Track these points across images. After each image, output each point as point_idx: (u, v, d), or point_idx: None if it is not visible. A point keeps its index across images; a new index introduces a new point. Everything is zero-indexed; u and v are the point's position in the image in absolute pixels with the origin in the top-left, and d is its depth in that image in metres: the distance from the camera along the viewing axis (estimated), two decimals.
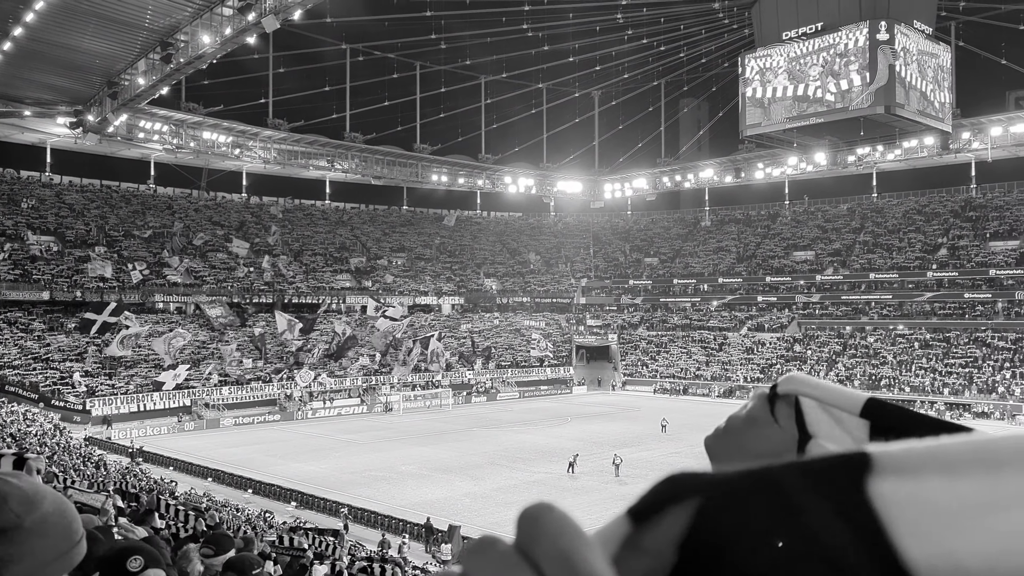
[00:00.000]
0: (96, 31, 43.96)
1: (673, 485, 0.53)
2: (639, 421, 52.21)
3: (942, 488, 0.48)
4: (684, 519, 0.52)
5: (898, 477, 0.49)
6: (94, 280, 60.27)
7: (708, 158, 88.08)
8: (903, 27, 53.18)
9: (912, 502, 0.48)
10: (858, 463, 0.50)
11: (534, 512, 0.50)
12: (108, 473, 24.61)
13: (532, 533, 0.49)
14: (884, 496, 0.49)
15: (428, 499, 32.15)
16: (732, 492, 0.52)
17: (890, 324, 67.91)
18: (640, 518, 0.53)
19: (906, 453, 0.50)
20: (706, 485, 0.53)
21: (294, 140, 76.03)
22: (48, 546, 1.24)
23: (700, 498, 0.52)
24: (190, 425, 51.22)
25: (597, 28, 67.60)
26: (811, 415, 0.80)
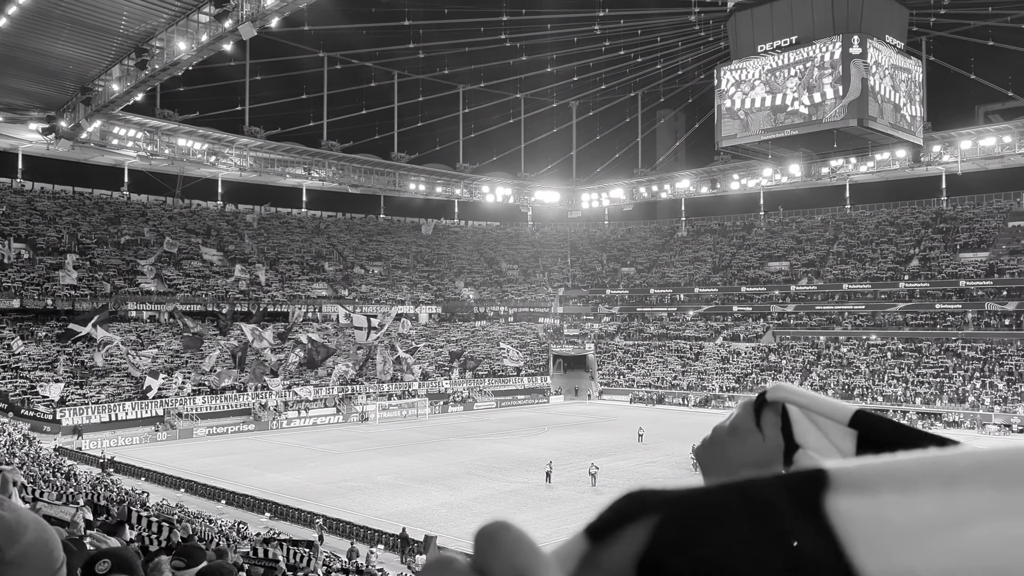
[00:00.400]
0: (70, 37, 43.52)
1: (631, 502, 0.53)
2: (616, 430, 52.32)
3: (899, 504, 0.48)
4: (641, 537, 0.51)
5: (856, 494, 0.49)
6: (65, 288, 59.48)
7: (684, 169, 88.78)
8: (875, 41, 54.02)
9: (869, 519, 0.48)
10: (816, 480, 0.50)
11: (490, 530, 0.50)
12: (78, 484, 24.25)
13: (488, 552, 0.49)
14: (841, 513, 0.49)
15: (404, 509, 31.98)
16: (688, 510, 0.51)
17: (863, 334, 68.68)
18: (598, 536, 0.53)
19: (863, 470, 0.50)
20: (663, 502, 0.52)
21: (271, 148, 75.64)
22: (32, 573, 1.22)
23: (657, 515, 0.52)
24: (163, 435, 50.62)
25: (575, 39, 67.95)
26: (799, 425, 0.79)
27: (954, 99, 71.16)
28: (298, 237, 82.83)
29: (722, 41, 64.77)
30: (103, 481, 28.88)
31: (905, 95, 57.06)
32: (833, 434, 0.75)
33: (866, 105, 53.30)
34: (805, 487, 0.50)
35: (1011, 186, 72.28)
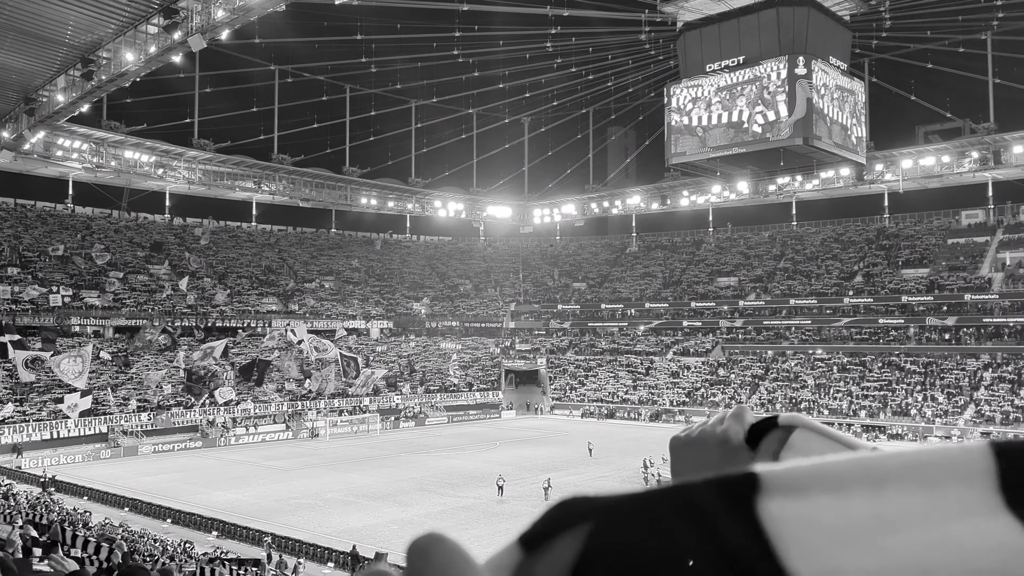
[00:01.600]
0: (13, 46, 42.51)
1: (564, 510, 0.53)
2: (567, 445, 52.54)
3: (830, 506, 0.49)
4: (575, 545, 0.51)
5: (787, 496, 0.50)
6: (5, 302, 57.78)
7: (635, 185, 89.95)
8: (820, 62, 55.56)
9: (800, 521, 0.49)
10: (746, 483, 0.50)
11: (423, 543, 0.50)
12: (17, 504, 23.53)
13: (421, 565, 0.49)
14: (773, 516, 0.49)
15: (354, 526, 31.69)
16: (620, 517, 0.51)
17: (809, 348, 70.13)
18: (531, 545, 0.53)
19: (794, 472, 0.51)
20: (595, 510, 0.52)
21: (220, 161, 74.68)
22: None
23: (590, 523, 0.52)
24: (107, 453, 49.39)
25: (527, 56, 68.55)
26: (792, 451, 0.77)
27: (895, 119, 73.63)
28: (248, 251, 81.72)
29: (672, 60, 65.98)
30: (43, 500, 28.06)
31: (849, 115, 58.74)
32: None
33: (811, 124, 54.72)
34: (737, 490, 0.50)
35: (950, 204, 74.85)
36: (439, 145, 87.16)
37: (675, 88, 61.59)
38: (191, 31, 39.77)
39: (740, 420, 0.84)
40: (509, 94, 79.39)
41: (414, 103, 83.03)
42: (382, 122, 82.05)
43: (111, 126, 64.66)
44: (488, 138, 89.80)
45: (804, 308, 72.98)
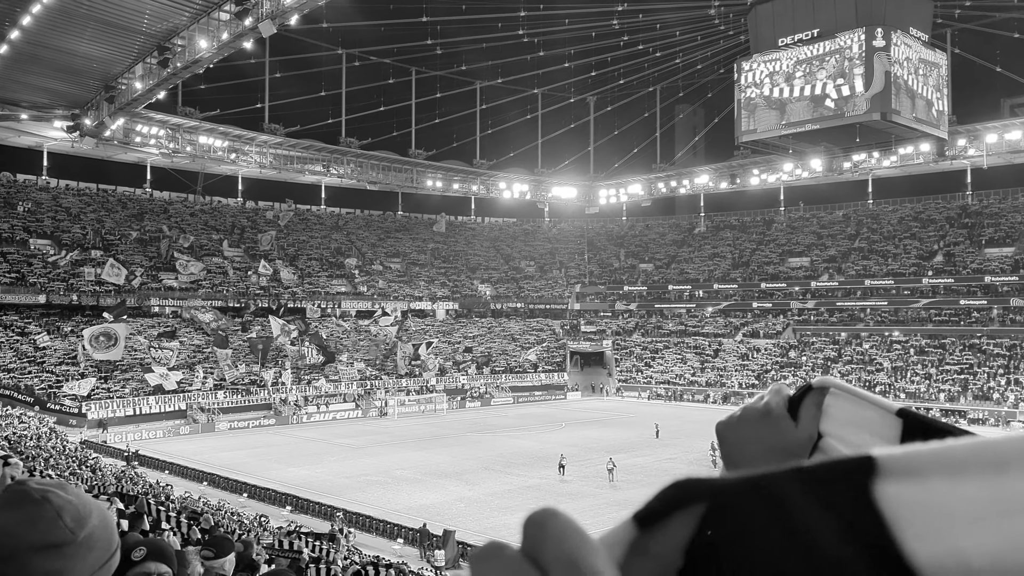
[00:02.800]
0: (93, 35, 43.95)
1: (679, 491, 0.54)
2: (633, 427, 52.24)
3: (947, 490, 0.49)
4: (689, 524, 0.52)
5: (904, 480, 0.50)
6: (90, 284, 60.17)
7: (703, 164, 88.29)
8: (899, 34, 53.47)
9: (918, 504, 0.49)
10: (864, 467, 0.51)
11: (539, 517, 0.51)
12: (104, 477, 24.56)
13: (538, 538, 0.50)
14: (890, 499, 0.49)
15: (423, 504, 32.12)
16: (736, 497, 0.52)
17: (885, 330, 68.11)
18: (645, 523, 0.53)
19: (911, 456, 0.51)
20: (711, 491, 0.53)
21: (290, 145, 76.06)
22: (94, 558, 1.28)
23: (704, 504, 0.53)
24: (185, 429, 51.13)
25: (593, 34, 67.78)
26: (831, 417, 0.78)
27: (979, 92, 70.37)
28: (317, 234, 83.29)
29: (742, 35, 64.40)
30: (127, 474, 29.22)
31: (930, 88, 56.46)
32: (877, 424, 0.75)
33: (889, 98, 52.79)
34: (854, 473, 0.50)
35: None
36: (504, 126, 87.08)
37: (745, 64, 60.14)
38: (261, 17, 40.46)
39: (779, 394, 0.85)
40: (575, 73, 78.78)
41: (479, 84, 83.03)
42: (447, 104, 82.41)
43: (186, 112, 66.42)
44: (553, 118, 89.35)
45: (880, 289, 70.82)
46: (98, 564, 1.30)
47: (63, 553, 1.23)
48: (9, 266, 58.96)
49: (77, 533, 1.25)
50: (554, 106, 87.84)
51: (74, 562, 1.25)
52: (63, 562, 1.23)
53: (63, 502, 1.27)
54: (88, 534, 1.26)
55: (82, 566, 1.26)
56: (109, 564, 1.33)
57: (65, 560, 1.24)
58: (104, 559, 1.31)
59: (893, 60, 52.71)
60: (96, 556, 1.29)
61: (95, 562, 1.29)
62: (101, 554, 1.30)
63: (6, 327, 55.48)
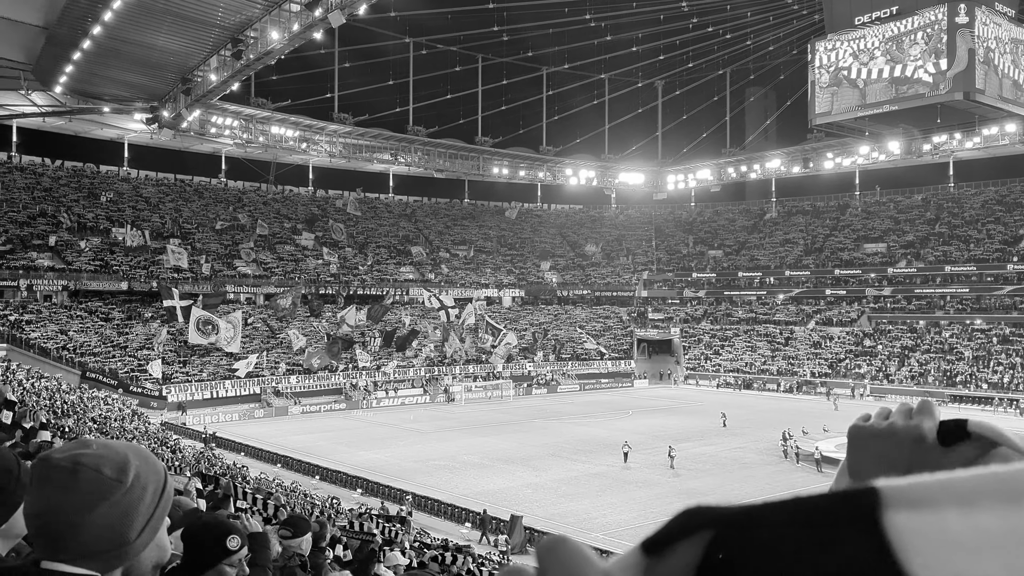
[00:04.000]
0: (171, 29, 45.24)
1: (687, 518, 0.54)
2: (701, 415, 51.59)
3: (957, 519, 0.48)
4: (695, 551, 0.53)
5: (913, 508, 0.49)
6: (169, 271, 62.27)
7: (775, 148, 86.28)
8: (984, 9, 51.09)
9: (926, 533, 0.48)
10: (869, 496, 0.50)
11: (549, 543, 0.54)
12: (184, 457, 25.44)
13: (548, 563, 0.53)
14: (898, 528, 0.49)
15: (489, 489, 32.35)
16: (743, 526, 0.52)
17: (967, 319, 65.64)
18: (653, 550, 0.54)
19: (917, 486, 0.51)
20: (718, 519, 0.54)
21: (359, 134, 77.13)
22: (150, 493, 1.32)
23: (712, 531, 0.53)
24: (260, 412, 52.58)
25: (661, 17, 66.78)
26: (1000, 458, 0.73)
27: None
28: (386, 222, 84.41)
29: (816, 14, 62.52)
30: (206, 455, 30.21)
31: (1016, 65, 53.88)
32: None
33: (973, 77, 50.55)
34: (860, 503, 0.50)
35: None
36: (570, 112, 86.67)
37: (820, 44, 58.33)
38: (330, 7, 41.05)
39: (931, 416, 0.80)
40: (642, 57, 77.85)
41: (545, 70, 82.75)
42: (513, 91, 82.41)
43: (258, 103, 67.94)
44: (620, 103, 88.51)
45: (961, 275, 68.22)
46: (157, 496, 1.34)
47: (118, 503, 1.27)
48: (93, 254, 61.39)
49: (124, 479, 1.28)
50: (621, 91, 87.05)
51: (132, 505, 1.28)
52: (122, 509, 1.27)
53: (94, 458, 1.29)
54: (135, 475, 1.30)
55: (141, 505, 1.30)
56: (166, 492, 1.37)
57: (123, 507, 1.27)
58: (160, 489, 1.35)
59: (977, 37, 50.41)
60: (152, 490, 1.32)
61: (153, 495, 1.33)
62: (156, 486, 1.34)
63: (91, 312, 57.85)
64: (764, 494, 30.87)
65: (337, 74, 72.40)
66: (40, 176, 68.46)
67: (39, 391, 26.53)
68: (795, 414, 49.19)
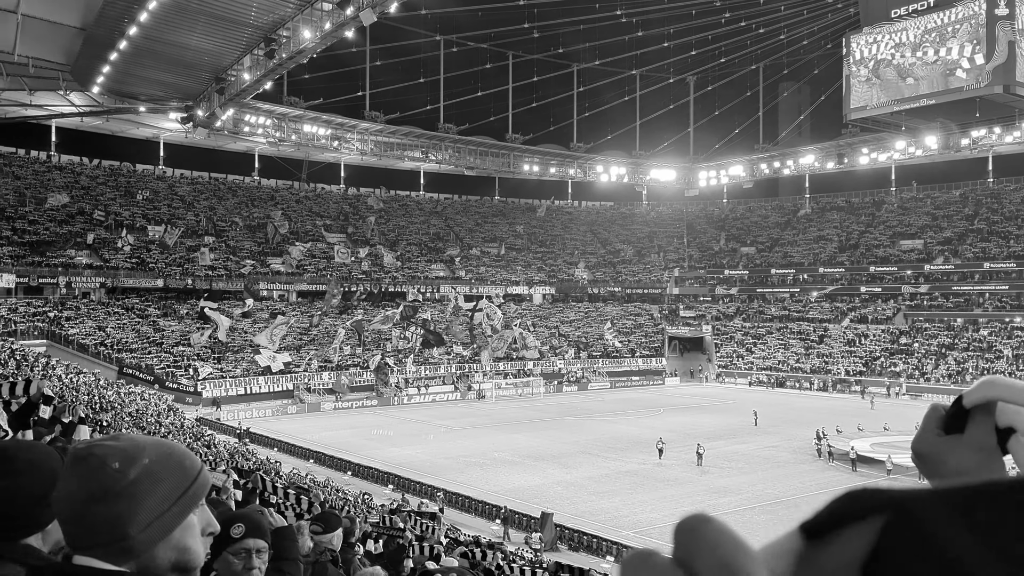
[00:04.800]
0: (204, 29, 45.76)
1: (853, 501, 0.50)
2: (733, 413, 51.15)
3: None
4: (867, 539, 0.48)
5: None
6: (203, 268, 63.09)
7: (809, 143, 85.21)
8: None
9: None
10: None
11: (691, 524, 0.49)
12: (218, 452, 25.73)
13: (690, 545, 0.47)
14: None
15: (520, 486, 32.36)
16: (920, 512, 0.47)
17: (1006, 316, 64.35)
18: (814, 534, 0.50)
19: None
20: (889, 503, 0.49)
21: (390, 132, 77.46)
22: (164, 490, 1.28)
23: (883, 517, 0.48)
24: (292, 408, 53.10)
25: (693, 12, 66.20)
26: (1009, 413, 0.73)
27: None
28: (416, 219, 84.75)
29: (851, 7, 61.58)
30: (240, 450, 30.53)
31: None
32: None
33: (1013, 70, 49.49)
34: None
35: None
36: (601, 109, 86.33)
37: (855, 37, 57.46)
38: (362, 6, 41.23)
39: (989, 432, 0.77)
40: (674, 53, 77.26)
41: (576, 67, 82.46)
42: (544, 88, 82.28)
43: (291, 102, 68.50)
44: (651, 99, 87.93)
45: (1000, 272, 66.89)
46: (175, 493, 1.30)
47: (121, 495, 1.24)
48: (131, 251, 62.38)
49: (127, 473, 1.25)
50: (652, 87, 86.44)
51: (138, 500, 1.25)
52: (125, 503, 1.24)
53: (107, 450, 1.28)
54: (142, 471, 1.26)
55: (151, 501, 1.26)
56: (193, 491, 1.33)
57: (126, 501, 1.24)
58: (181, 488, 1.31)
59: (1017, 29, 49.34)
60: (167, 487, 1.29)
61: (168, 493, 1.29)
62: (174, 484, 1.30)
63: (127, 309, 58.80)
64: (797, 492, 30.57)
65: (368, 72, 72.80)
66: (78, 175, 69.73)
67: (78, 386, 27.00)
68: (829, 413, 48.58)
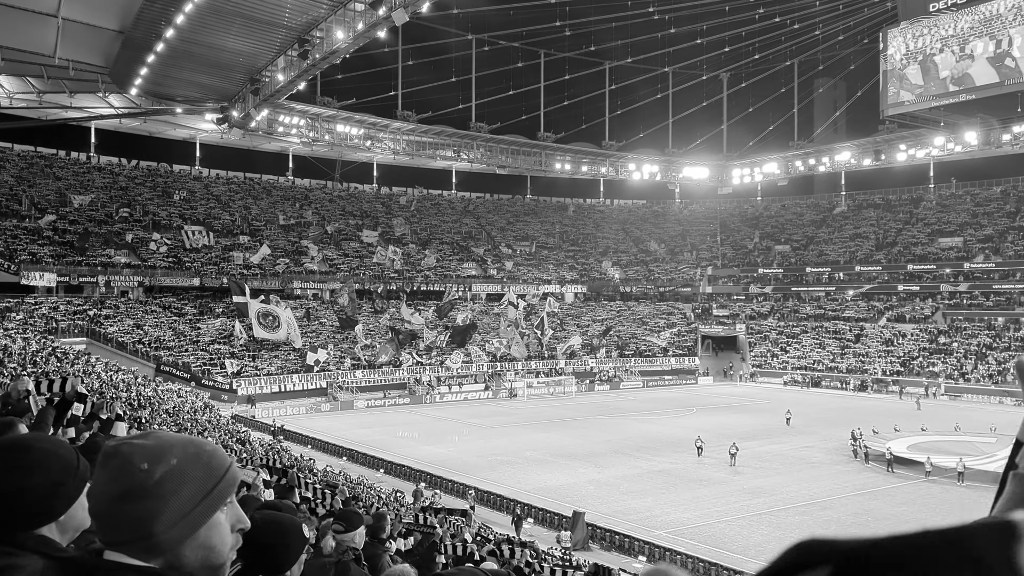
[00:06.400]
0: (239, 30, 46.31)
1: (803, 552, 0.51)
2: (767, 413, 50.62)
3: None
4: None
5: None
6: (239, 267, 63.88)
7: (844, 140, 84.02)
8: None
9: None
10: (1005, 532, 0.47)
11: None
12: (253, 449, 26.06)
13: None
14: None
15: (552, 485, 32.33)
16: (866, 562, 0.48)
17: None
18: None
19: None
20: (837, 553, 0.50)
21: (422, 131, 77.77)
22: (190, 491, 1.28)
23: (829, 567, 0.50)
24: (326, 406, 53.57)
25: (727, 8, 65.61)
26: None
27: None
28: (448, 218, 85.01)
29: (888, 2, 60.62)
30: (275, 447, 30.90)
31: None
32: None
33: None
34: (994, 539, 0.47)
35: None
36: (633, 106, 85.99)
37: (893, 32, 56.60)
38: (394, 6, 41.43)
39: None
40: (707, 49, 76.70)
41: (608, 64, 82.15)
42: (576, 86, 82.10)
43: (324, 102, 69.08)
44: (684, 97, 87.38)
45: None
46: (201, 492, 1.30)
47: (147, 494, 1.24)
48: (168, 250, 63.37)
49: (153, 472, 1.25)
50: (685, 84, 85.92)
51: (164, 500, 1.25)
52: (152, 502, 1.25)
53: (134, 448, 1.28)
54: (168, 470, 1.26)
55: (177, 500, 1.26)
56: (219, 489, 1.33)
57: (153, 500, 1.25)
58: (208, 486, 1.31)
59: None
60: (193, 487, 1.29)
61: (195, 492, 1.29)
62: (200, 483, 1.30)
63: (165, 308, 59.75)
64: (831, 493, 30.20)
65: (401, 72, 73.22)
66: (117, 176, 71.00)
67: (116, 383, 27.51)
68: (865, 413, 47.89)
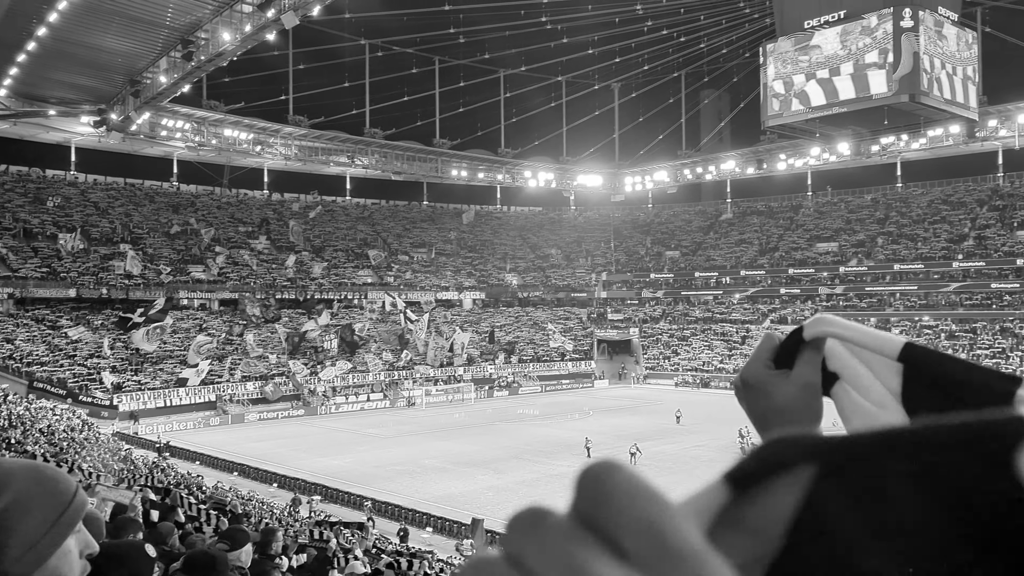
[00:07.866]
0: (118, 30, 44.34)
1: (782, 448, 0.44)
2: (660, 414, 52.03)
3: None
4: (796, 492, 0.43)
5: None
6: (119, 277, 60.91)
7: (730, 150, 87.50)
8: (928, 13, 52.29)
9: None
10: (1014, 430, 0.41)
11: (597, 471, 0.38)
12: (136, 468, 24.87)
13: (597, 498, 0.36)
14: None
15: (451, 492, 32.21)
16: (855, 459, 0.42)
17: (915, 315, 67.19)
18: (740, 486, 0.43)
19: None
20: (821, 449, 0.43)
21: (314, 136, 76.35)
22: (36, 520, 1.23)
23: (816, 465, 0.43)
24: (216, 420, 51.67)
25: (616, 20, 67.25)
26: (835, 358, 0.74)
27: (1011, 71, 68.85)
28: (343, 225, 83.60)
29: (768, 17, 63.48)
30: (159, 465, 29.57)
31: (960, 68, 55.28)
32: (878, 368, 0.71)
33: (918, 80, 51.70)
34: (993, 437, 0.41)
35: None
36: (528, 114, 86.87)
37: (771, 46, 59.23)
38: (284, 8, 40.57)
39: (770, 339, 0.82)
40: (599, 60, 78.34)
41: (503, 72, 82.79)
42: (471, 93, 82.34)
43: (211, 105, 66.85)
44: (578, 106, 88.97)
45: (909, 273, 69.83)
46: (46, 523, 1.24)
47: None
48: (40, 260, 59.82)
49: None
50: (578, 93, 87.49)
51: (8, 532, 1.19)
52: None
53: None
54: (11, 501, 1.20)
55: (23, 531, 1.20)
56: (67, 517, 1.27)
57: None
58: (54, 515, 1.25)
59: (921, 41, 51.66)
60: (39, 516, 1.23)
61: (41, 522, 1.23)
62: (45, 513, 1.24)
63: (38, 320, 56.34)
64: None
65: (292, 76, 71.63)
66: None
67: None
68: None
